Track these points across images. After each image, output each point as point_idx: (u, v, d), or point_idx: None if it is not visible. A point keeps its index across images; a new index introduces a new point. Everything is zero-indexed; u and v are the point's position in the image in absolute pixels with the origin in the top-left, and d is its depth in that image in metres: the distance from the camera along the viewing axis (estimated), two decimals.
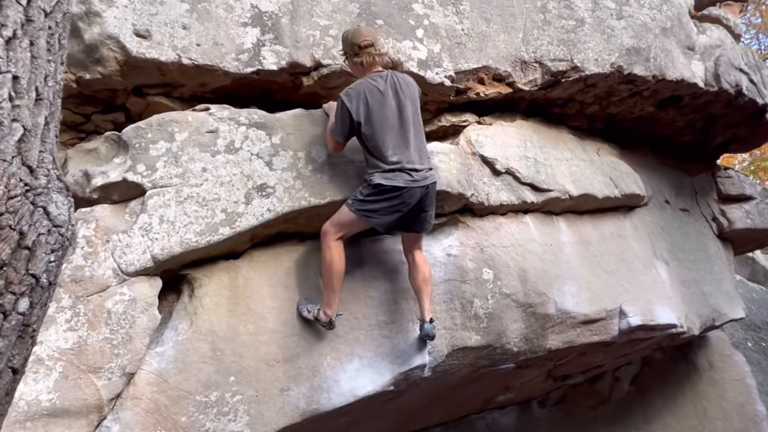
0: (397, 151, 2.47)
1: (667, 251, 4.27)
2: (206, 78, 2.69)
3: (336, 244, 2.50)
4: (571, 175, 3.63)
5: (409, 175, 2.46)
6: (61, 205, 0.92)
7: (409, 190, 2.45)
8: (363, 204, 2.46)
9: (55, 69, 0.96)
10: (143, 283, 2.35)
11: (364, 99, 2.46)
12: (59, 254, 0.94)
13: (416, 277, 2.71)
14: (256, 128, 2.64)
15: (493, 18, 3.37)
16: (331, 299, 2.51)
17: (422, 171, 2.52)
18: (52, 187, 0.90)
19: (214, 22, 2.66)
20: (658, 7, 3.87)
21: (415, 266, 2.71)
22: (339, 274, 2.51)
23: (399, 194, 2.45)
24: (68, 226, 0.94)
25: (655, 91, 3.89)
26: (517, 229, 3.36)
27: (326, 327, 2.56)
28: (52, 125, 0.94)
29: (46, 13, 0.94)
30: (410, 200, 2.48)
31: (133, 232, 2.34)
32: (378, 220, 2.48)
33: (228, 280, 2.55)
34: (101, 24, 2.43)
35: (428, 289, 2.73)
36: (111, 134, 2.55)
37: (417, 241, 2.73)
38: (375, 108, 2.46)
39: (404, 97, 2.54)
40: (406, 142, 2.50)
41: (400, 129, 2.50)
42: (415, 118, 2.59)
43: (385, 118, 2.48)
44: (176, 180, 2.44)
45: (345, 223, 2.50)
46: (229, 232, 2.46)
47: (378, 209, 2.45)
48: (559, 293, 3.31)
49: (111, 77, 2.52)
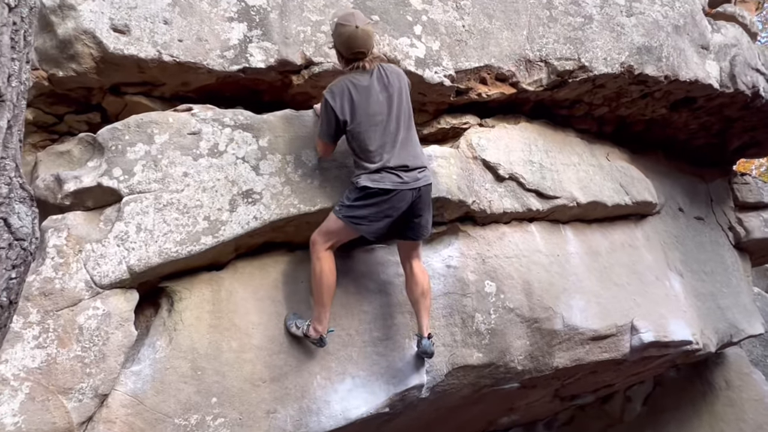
0: (385, 150, 2.43)
1: (681, 262, 4.27)
2: (189, 76, 2.67)
3: (326, 255, 2.47)
4: (579, 181, 3.62)
5: (397, 177, 2.42)
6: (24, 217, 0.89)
7: (398, 193, 2.42)
8: (350, 210, 2.43)
9: (20, 68, 0.94)
10: (118, 296, 2.32)
11: (348, 95, 2.43)
12: (21, 270, 0.91)
13: (414, 289, 2.68)
14: (242, 130, 2.62)
15: (495, 14, 3.38)
16: (322, 314, 2.48)
17: (413, 171, 2.47)
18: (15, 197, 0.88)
19: (198, 17, 2.65)
20: (671, 4, 3.89)
21: (413, 277, 2.68)
22: (329, 287, 2.48)
23: (387, 198, 2.41)
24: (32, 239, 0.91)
25: (668, 92, 3.90)
26: (522, 239, 3.34)
27: (316, 344, 2.53)
28: (15, 129, 0.91)
29: (10, 7, 0.92)
30: (400, 204, 2.44)
31: (108, 242, 2.31)
32: (367, 228, 2.44)
33: (210, 293, 2.52)
34: (76, 18, 2.42)
35: (427, 302, 2.70)
36: (85, 136, 2.52)
37: (414, 249, 2.70)
38: (360, 104, 2.43)
39: (393, 90, 2.49)
40: (394, 140, 2.46)
41: (387, 126, 2.45)
42: (405, 113, 2.53)
43: (371, 114, 2.44)
44: (155, 185, 2.42)
45: (333, 232, 2.47)
46: (211, 241, 2.44)
47: (366, 215, 2.42)
48: (567, 307, 3.29)
49: (86, 75, 2.50)
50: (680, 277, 4.14)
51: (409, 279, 2.70)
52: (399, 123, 2.49)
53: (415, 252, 2.71)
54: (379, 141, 2.44)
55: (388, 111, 2.47)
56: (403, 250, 2.72)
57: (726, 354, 5.26)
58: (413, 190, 2.46)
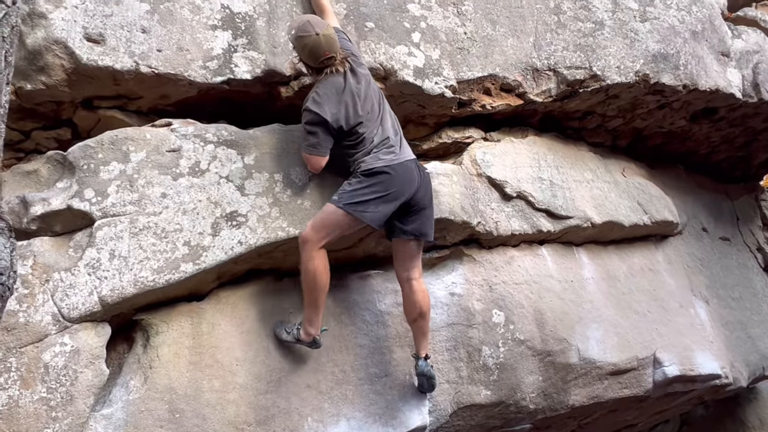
0: (376, 135, 2.62)
1: (707, 287, 4.31)
2: (168, 89, 2.72)
3: (319, 254, 2.49)
4: (593, 200, 3.68)
5: (395, 154, 2.60)
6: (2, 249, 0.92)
7: (401, 163, 2.56)
8: (353, 196, 2.48)
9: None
10: (89, 330, 2.33)
11: (335, 101, 2.54)
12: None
13: (412, 310, 2.69)
14: (226, 146, 2.66)
15: (499, 20, 3.48)
16: (313, 316, 2.53)
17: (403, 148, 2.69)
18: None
19: (179, 25, 2.71)
20: (687, 9, 4.01)
21: (412, 297, 2.68)
22: (323, 288, 2.51)
23: (391, 175, 2.52)
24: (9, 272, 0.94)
25: (687, 102, 4.00)
26: (532, 263, 3.38)
27: (311, 346, 2.59)
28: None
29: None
30: (405, 180, 2.55)
31: (77, 270, 2.33)
32: (371, 214, 2.48)
33: (190, 326, 2.53)
34: (47, 27, 2.47)
35: (426, 324, 2.73)
36: (54, 154, 2.55)
37: (414, 260, 2.69)
38: (348, 105, 2.56)
39: (363, 79, 2.65)
40: (382, 125, 2.66)
41: (372, 115, 2.64)
42: (378, 94, 2.73)
43: (360, 113, 2.58)
44: (131, 208, 2.44)
45: (330, 225, 2.49)
46: (192, 269, 2.45)
47: (371, 199, 2.48)
48: (582, 339, 3.31)
49: (56, 88, 2.55)
50: (706, 303, 4.18)
51: (407, 298, 2.70)
52: (381, 107, 2.70)
53: (415, 265, 2.71)
54: (372, 131, 2.62)
55: (372, 101, 2.66)
56: (402, 259, 2.70)
57: (759, 389, 5.27)
58: (416, 167, 2.63)
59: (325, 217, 2.51)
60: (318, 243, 2.48)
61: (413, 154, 2.72)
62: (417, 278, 2.71)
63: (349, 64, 2.61)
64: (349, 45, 2.75)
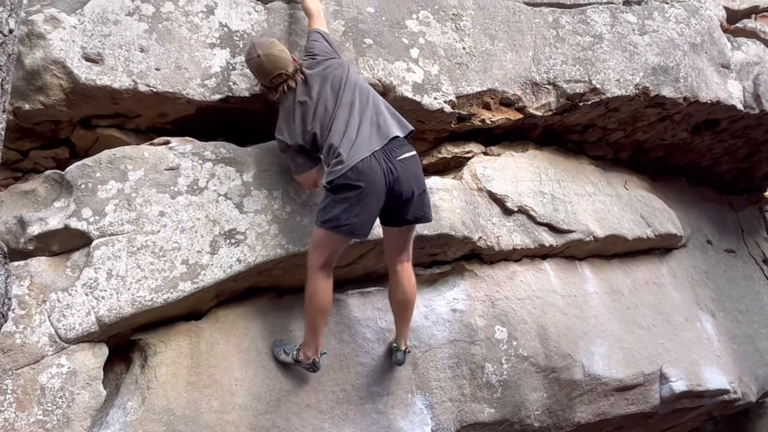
0: (340, 140, 2.42)
1: (713, 301, 4.27)
2: (166, 107, 2.73)
3: (320, 275, 2.46)
4: (596, 213, 3.67)
5: (344, 158, 2.37)
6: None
7: (355, 167, 2.34)
8: (325, 212, 2.41)
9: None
10: (86, 351, 2.31)
11: (288, 120, 2.55)
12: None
13: (397, 297, 2.65)
14: (225, 164, 2.67)
15: (498, 35, 3.49)
16: (311, 339, 2.51)
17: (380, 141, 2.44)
18: None
19: (177, 44, 2.73)
20: (686, 21, 4.02)
21: (398, 284, 2.61)
22: (323, 310, 2.48)
23: (355, 180, 2.34)
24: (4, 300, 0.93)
25: (688, 114, 3.99)
26: (535, 278, 3.36)
27: (310, 369, 2.56)
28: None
29: None
30: (374, 178, 2.35)
31: (75, 290, 2.32)
32: (348, 227, 2.36)
33: (188, 345, 2.51)
34: (45, 47, 2.49)
35: (410, 314, 2.72)
36: (52, 173, 2.56)
37: (404, 245, 2.61)
38: (298, 120, 2.53)
39: (316, 84, 2.55)
40: (346, 126, 2.46)
41: (336, 121, 2.48)
42: (353, 94, 2.54)
43: (310, 122, 2.51)
44: (128, 227, 2.44)
45: (319, 244, 2.46)
46: (190, 287, 2.44)
47: (340, 212, 2.35)
48: (587, 354, 3.28)
49: (55, 107, 2.56)
50: (712, 317, 4.14)
51: (393, 285, 2.64)
52: (336, 106, 2.51)
53: (404, 249, 2.62)
54: (326, 138, 2.47)
55: (325, 104, 2.51)
56: (391, 242, 2.62)
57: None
58: (384, 158, 2.39)
59: (314, 238, 2.49)
60: (316, 265, 2.45)
61: (382, 140, 2.44)
62: (406, 264, 2.64)
63: (303, 75, 2.57)
64: (314, 45, 2.67)
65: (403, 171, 2.43)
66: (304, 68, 2.60)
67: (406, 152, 2.48)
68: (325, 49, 2.68)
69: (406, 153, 2.47)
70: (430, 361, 2.95)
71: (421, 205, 2.52)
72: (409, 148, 2.53)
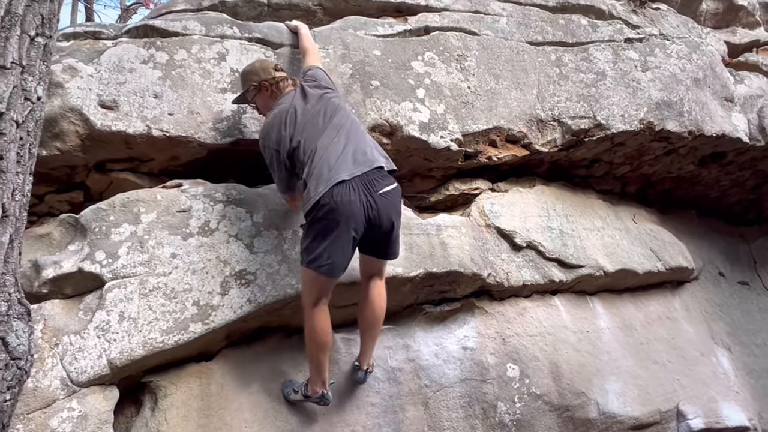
0: (322, 156, 2.37)
1: (728, 334, 4.21)
2: (179, 150, 2.80)
3: (315, 312, 2.43)
4: (605, 248, 3.66)
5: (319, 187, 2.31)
6: (22, 334, 0.95)
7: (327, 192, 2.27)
8: (307, 253, 2.35)
9: (24, 181, 1.04)
10: (97, 394, 2.31)
11: (282, 122, 2.49)
12: (15, 391, 0.96)
13: (365, 314, 2.62)
14: (235, 205, 2.71)
15: (502, 74, 3.57)
16: (316, 375, 2.50)
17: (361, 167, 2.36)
18: (13, 314, 0.94)
19: (190, 89, 2.82)
20: (687, 57, 4.09)
21: (368, 300, 2.59)
22: (322, 346, 2.47)
23: (327, 211, 2.26)
24: (27, 356, 0.96)
25: (694, 147, 4.02)
26: (545, 314, 3.34)
27: (320, 403, 2.55)
28: (16, 242, 0.99)
29: (18, 124, 1.03)
30: (350, 211, 2.27)
31: (87, 333, 2.34)
32: (329, 267, 2.30)
33: (198, 387, 2.51)
34: (63, 96, 2.58)
35: (377, 331, 2.68)
36: (67, 217, 2.61)
37: (380, 268, 2.62)
38: (298, 124, 2.47)
39: (324, 103, 2.55)
40: (331, 144, 2.41)
41: (324, 136, 2.44)
42: (346, 120, 2.52)
43: (308, 131, 2.45)
44: (141, 269, 2.47)
45: (307, 282, 2.44)
46: (201, 329, 2.46)
47: (324, 249, 2.29)
48: (601, 392, 3.23)
49: (71, 153, 2.63)
50: (728, 351, 4.07)
51: (365, 301, 2.61)
52: (339, 132, 2.46)
53: (378, 269, 2.62)
54: (317, 155, 2.39)
55: (323, 123, 2.48)
56: (368, 266, 2.61)
57: None
58: (366, 193, 2.32)
59: (302, 277, 2.49)
60: (309, 303, 2.43)
61: (365, 166, 2.36)
62: (379, 281, 2.62)
63: (302, 89, 2.61)
64: (317, 74, 2.72)
65: (383, 205, 2.37)
66: (304, 84, 2.64)
67: (388, 185, 2.41)
68: (327, 80, 2.74)
69: (387, 186, 2.41)
70: (442, 401, 2.91)
71: (396, 240, 2.52)
72: (391, 180, 2.45)
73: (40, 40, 1.18)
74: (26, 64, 1.13)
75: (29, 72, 1.14)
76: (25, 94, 1.10)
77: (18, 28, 1.10)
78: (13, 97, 1.04)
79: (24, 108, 1.07)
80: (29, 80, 1.12)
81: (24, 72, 1.11)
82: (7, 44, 1.07)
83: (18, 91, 1.06)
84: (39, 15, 1.18)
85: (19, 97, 1.06)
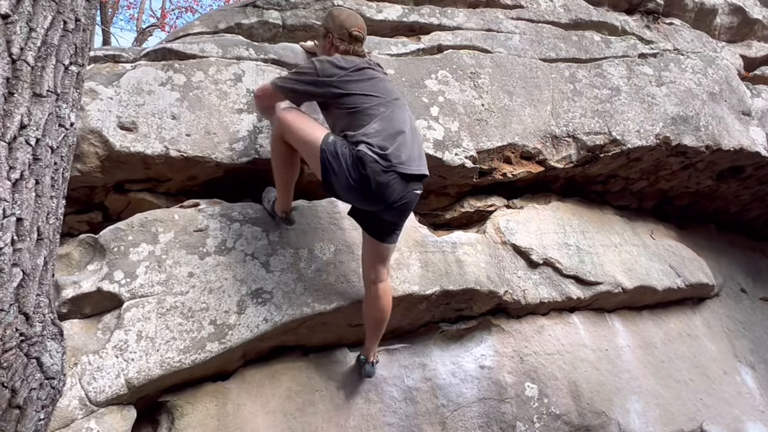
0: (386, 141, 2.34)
1: (751, 352, 4.15)
2: (196, 170, 2.85)
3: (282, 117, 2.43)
4: (623, 264, 3.65)
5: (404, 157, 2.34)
6: (55, 354, 0.98)
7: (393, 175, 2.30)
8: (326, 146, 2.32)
9: (57, 204, 1.08)
10: (114, 414, 2.33)
11: (348, 66, 2.44)
12: (49, 410, 0.99)
13: (375, 315, 2.62)
14: (252, 224, 2.75)
15: (516, 90, 3.60)
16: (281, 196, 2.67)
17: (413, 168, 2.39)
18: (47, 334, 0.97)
19: (207, 110, 2.88)
20: (703, 71, 4.10)
21: (376, 301, 2.59)
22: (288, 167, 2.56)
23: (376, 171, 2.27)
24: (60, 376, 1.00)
25: (711, 162, 4.01)
26: (563, 332, 3.32)
27: (285, 222, 2.76)
28: (50, 264, 1.03)
29: (52, 149, 1.08)
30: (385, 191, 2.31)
31: (105, 352, 2.37)
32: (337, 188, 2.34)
33: (215, 407, 2.52)
34: (83, 118, 2.65)
35: (383, 328, 2.68)
36: (86, 237, 2.66)
37: (383, 259, 2.58)
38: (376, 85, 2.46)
39: (391, 83, 2.60)
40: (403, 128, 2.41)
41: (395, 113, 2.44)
42: (406, 108, 2.55)
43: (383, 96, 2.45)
44: (158, 288, 2.51)
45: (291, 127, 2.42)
46: (218, 348, 2.48)
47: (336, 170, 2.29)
48: (622, 411, 3.19)
49: (91, 174, 2.69)
50: (752, 369, 4.01)
51: (371, 302, 2.61)
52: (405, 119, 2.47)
53: (384, 263, 2.59)
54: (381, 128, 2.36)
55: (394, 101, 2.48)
56: (371, 252, 2.58)
57: None
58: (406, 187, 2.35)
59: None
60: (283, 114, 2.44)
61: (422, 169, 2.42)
62: (384, 280, 2.61)
63: (376, 63, 2.61)
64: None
65: (411, 199, 2.42)
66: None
67: (419, 188, 2.45)
68: None
69: (418, 189, 2.45)
70: (459, 421, 2.90)
71: (398, 232, 2.57)
72: (421, 185, 2.48)
73: (74, 68, 1.24)
74: (60, 92, 1.19)
75: (63, 99, 1.19)
76: (59, 120, 1.15)
77: (53, 57, 1.16)
78: (48, 123, 1.09)
79: (58, 134, 1.12)
80: (63, 107, 1.17)
81: (58, 99, 1.16)
82: (43, 73, 1.13)
83: (53, 117, 1.11)
84: (73, 44, 1.25)
85: (54, 124, 1.11)
